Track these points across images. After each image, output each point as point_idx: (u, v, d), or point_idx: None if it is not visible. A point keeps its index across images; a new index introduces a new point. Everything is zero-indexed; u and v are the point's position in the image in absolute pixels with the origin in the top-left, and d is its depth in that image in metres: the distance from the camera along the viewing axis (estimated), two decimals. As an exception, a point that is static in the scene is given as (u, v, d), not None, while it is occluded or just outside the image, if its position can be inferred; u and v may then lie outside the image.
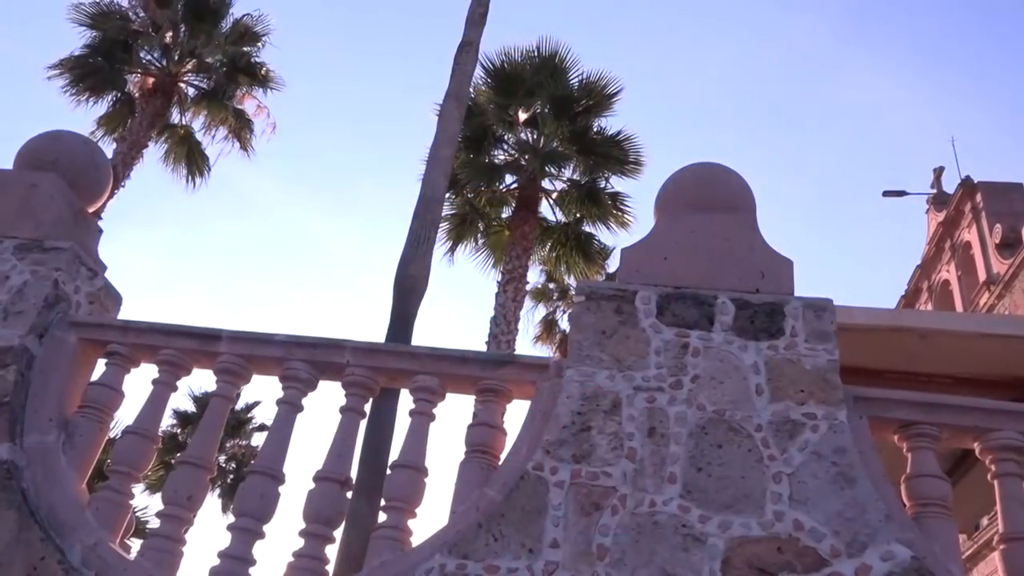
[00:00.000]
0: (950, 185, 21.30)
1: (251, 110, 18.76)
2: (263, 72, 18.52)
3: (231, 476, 24.13)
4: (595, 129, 15.10)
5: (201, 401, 22.59)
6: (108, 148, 16.11)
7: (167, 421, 22.25)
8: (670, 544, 3.01)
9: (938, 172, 23.03)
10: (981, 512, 9.02)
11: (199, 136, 18.50)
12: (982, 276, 18.17)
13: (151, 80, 17.54)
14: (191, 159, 18.44)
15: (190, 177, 18.54)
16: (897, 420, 3.33)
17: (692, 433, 3.22)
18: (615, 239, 15.63)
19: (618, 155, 14.92)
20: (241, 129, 18.55)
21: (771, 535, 3.01)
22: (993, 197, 18.64)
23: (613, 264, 15.75)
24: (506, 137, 15.27)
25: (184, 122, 18.46)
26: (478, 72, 13.90)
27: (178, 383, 3.83)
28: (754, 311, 3.45)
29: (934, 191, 22.66)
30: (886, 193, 22.66)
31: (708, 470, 3.15)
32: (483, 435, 3.46)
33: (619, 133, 15.12)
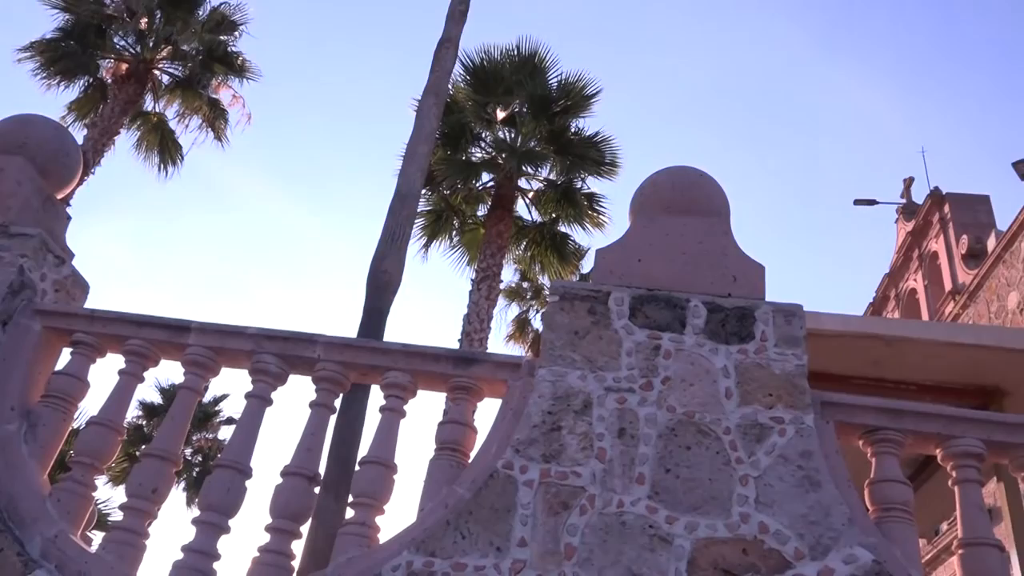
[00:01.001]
0: (920, 195, 21.66)
1: (226, 100, 18.56)
2: (239, 62, 18.32)
3: (197, 469, 23.87)
4: (573, 129, 15.14)
5: (168, 393, 22.32)
6: (79, 134, 15.85)
7: (133, 412, 21.92)
8: (637, 544, 3.03)
9: (908, 182, 23.40)
10: (941, 517, 9.20)
11: (172, 125, 18.28)
12: (948, 286, 18.51)
13: (124, 66, 17.27)
14: (164, 147, 18.20)
15: (162, 166, 18.31)
16: (862, 425, 3.38)
17: (661, 435, 3.24)
18: (590, 240, 15.70)
19: (595, 156, 14.98)
20: (216, 119, 18.34)
21: (737, 537, 3.04)
22: (960, 208, 18.99)
23: (587, 265, 15.82)
24: (484, 135, 15.26)
25: (157, 110, 18.22)
26: (457, 69, 13.85)
27: (145, 374, 3.78)
28: (725, 315, 3.48)
29: (904, 201, 23.02)
30: (857, 202, 22.99)
31: (676, 471, 3.17)
32: (453, 433, 3.45)
33: (596, 134, 15.18)
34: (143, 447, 3.81)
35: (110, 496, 19.85)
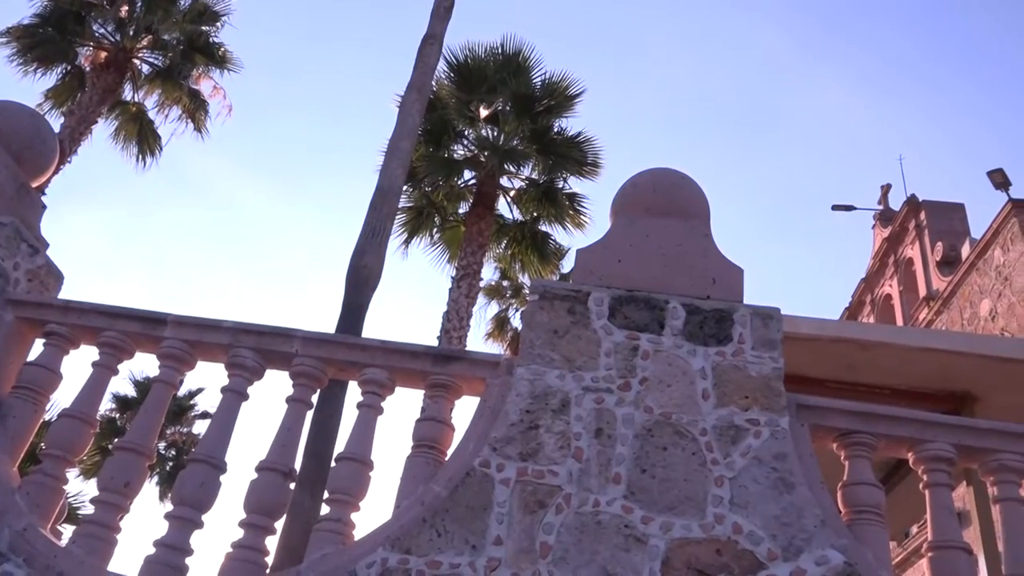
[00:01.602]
0: (896, 202, 21.91)
1: (207, 91, 18.38)
2: (221, 52, 18.15)
3: (170, 464, 23.62)
4: (555, 129, 15.16)
5: (142, 386, 22.06)
6: (55, 122, 15.62)
7: (106, 405, 21.69)
8: (612, 544, 3.04)
9: (885, 189, 23.67)
10: (911, 520, 9.32)
11: (152, 115, 18.07)
12: (922, 292, 18.74)
13: (103, 54, 17.04)
14: (142, 138, 17.99)
15: (140, 156, 18.09)
16: (837, 429, 3.41)
17: (638, 435, 3.25)
18: (571, 240, 15.72)
19: (577, 156, 15.01)
20: (196, 110, 18.16)
21: (711, 537, 3.06)
22: (936, 216, 19.23)
23: (568, 264, 15.84)
24: (466, 132, 15.24)
25: (137, 99, 18.01)
26: (441, 66, 13.82)
27: (119, 367, 3.74)
28: (704, 317, 3.50)
29: (881, 207, 23.28)
30: (835, 207, 23.21)
31: (652, 472, 3.19)
32: (431, 430, 3.44)
33: (579, 134, 15.21)
34: (116, 440, 3.77)
35: (81, 489, 19.58)
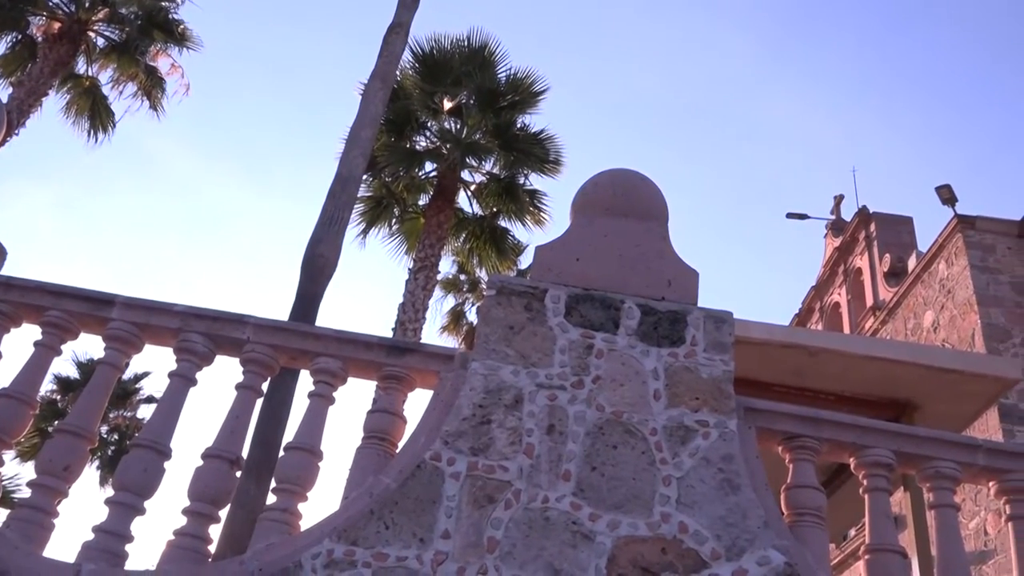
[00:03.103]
0: (848, 212, 22.41)
1: (164, 69, 17.95)
2: (180, 30, 17.73)
3: (112, 448, 23.08)
4: (518, 125, 15.16)
5: (85, 368, 21.50)
6: (3, 93, 15.12)
7: (47, 386, 21.08)
8: (559, 540, 3.06)
9: (838, 199, 24.19)
10: (850, 523, 9.57)
11: (106, 90, 17.58)
12: (869, 301, 19.21)
13: (57, 25, 16.53)
14: (95, 113, 17.49)
15: (92, 132, 17.60)
16: (783, 432, 3.48)
17: (589, 433, 3.28)
18: (529, 236, 15.75)
19: (539, 153, 15.03)
20: (152, 87, 17.71)
21: (656, 536, 3.10)
22: (885, 228, 19.72)
23: (525, 261, 15.89)
24: (429, 124, 15.15)
25: (90, 73, 17.51)
26: (406, 56, 13.73)
27: (63, 347, 3.64)
28: (658, 318, 3.54)
29: (833, 217, 23.79)
30: (789, 215, 23.65)
31: (602, 470, 3.21)
32: (382, 422, 3.42)
33: (542, 131, 15.23)
34: (56, 423, 3.67)
35: (18, 472, 19.03)
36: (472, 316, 18.16)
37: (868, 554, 3.35)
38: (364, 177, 11.06)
